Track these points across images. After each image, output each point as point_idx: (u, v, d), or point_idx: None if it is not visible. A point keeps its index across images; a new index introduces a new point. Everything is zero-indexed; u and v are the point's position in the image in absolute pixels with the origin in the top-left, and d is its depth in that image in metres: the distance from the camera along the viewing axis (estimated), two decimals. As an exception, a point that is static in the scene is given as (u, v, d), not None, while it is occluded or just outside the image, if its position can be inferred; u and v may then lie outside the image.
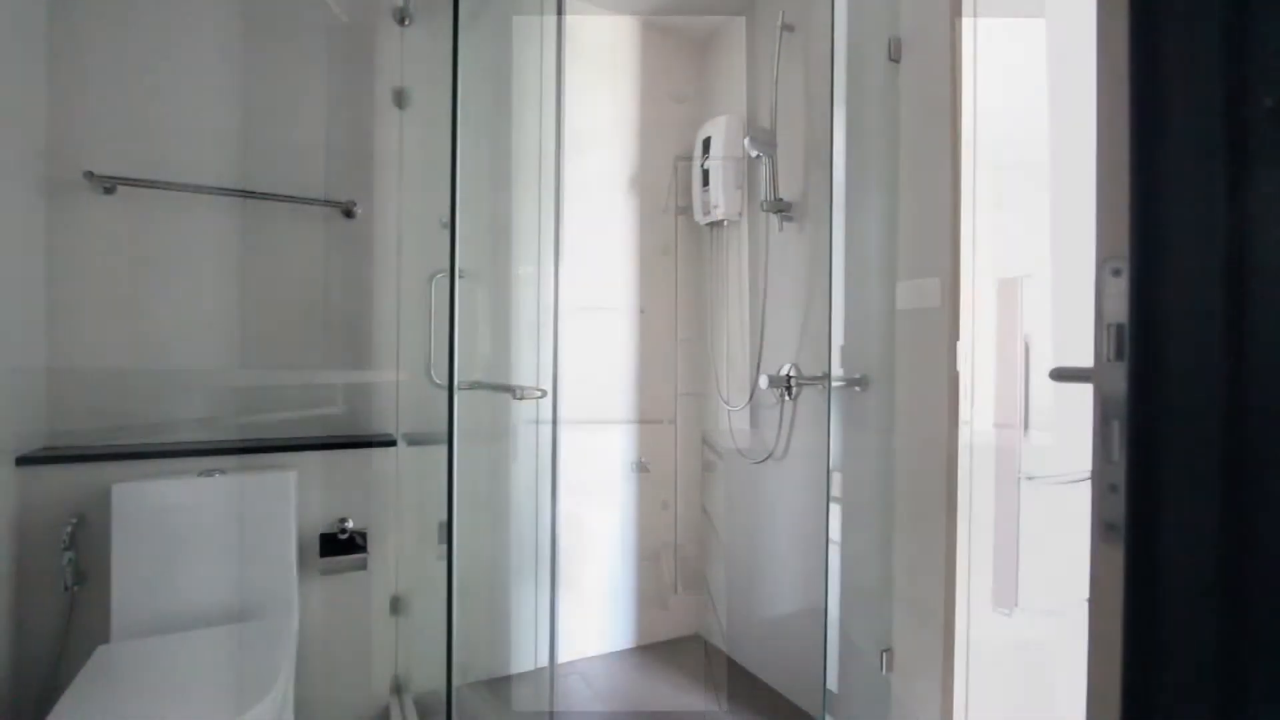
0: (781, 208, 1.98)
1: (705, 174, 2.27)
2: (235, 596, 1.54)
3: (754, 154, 1.92)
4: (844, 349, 1.68)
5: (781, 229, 2.02)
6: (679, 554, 2.50)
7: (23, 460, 1.45)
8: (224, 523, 1.54)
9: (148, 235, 1.65)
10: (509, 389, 1.16)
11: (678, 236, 2.48)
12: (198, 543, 1.51)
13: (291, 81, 1.80)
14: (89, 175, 1.55)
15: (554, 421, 1.12)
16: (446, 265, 1.56)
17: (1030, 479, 1.50)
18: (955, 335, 1.42)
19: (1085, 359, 0.55)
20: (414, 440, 1.87)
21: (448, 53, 1.14)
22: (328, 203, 1.80)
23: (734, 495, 2.33)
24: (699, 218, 2.36)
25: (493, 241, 1.80)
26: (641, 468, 1.08)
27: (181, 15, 1.68)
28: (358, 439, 1.81)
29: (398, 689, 1.90)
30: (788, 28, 2.00)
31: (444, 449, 1.63)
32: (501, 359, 1.81)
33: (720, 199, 2.20)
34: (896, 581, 1.55)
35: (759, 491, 2.18)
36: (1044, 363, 1.45)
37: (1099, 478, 0.49)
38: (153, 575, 1.47)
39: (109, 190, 1.60)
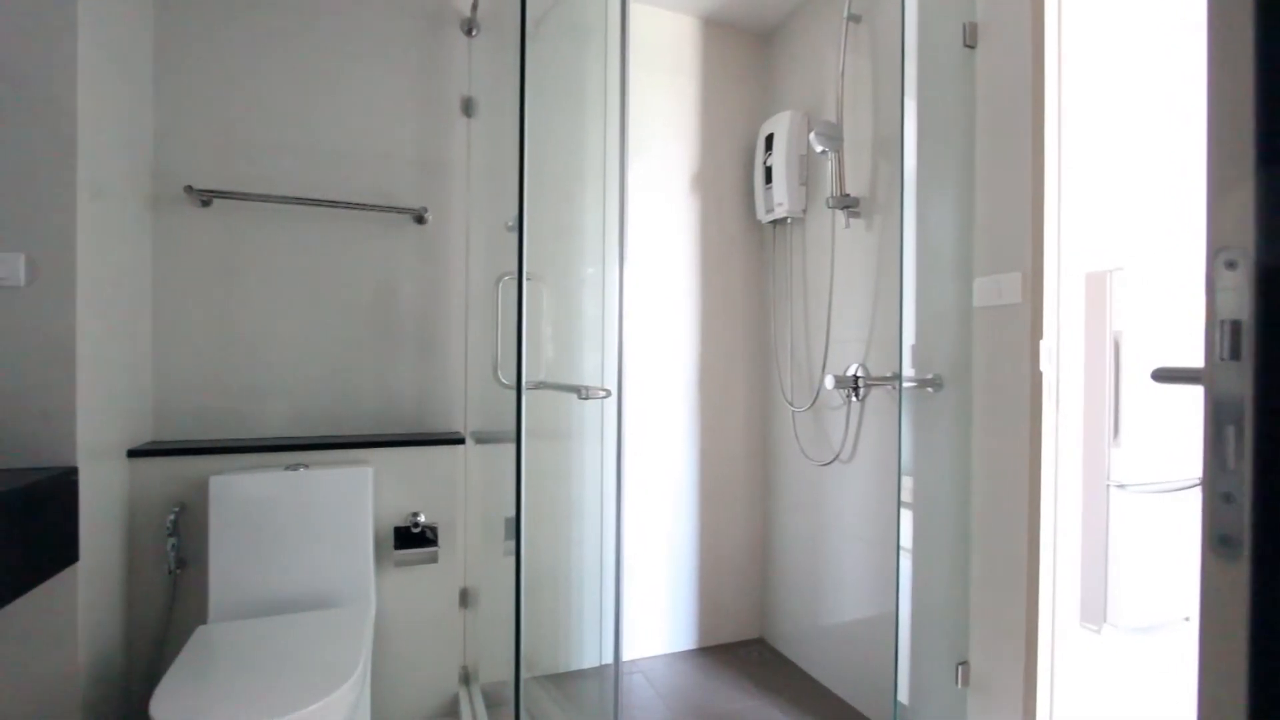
0: (848, 204, 1.92)
1: (768, 171, 2.23)
2: (318, 584, 1.63)
3: (819, 149, 1.87)
4: (916, 348, 1.62)
5: (848, 225, 1.97)
6: (741, 555, 2.47)
7: (133, 453, 1.59)
8: (308, 514, 1.63)
9: (239, 244, 1.77)
10: (574, 389, 1.18)
11: (739, 235, 2.45)
12: (285, 532, 1.61)
13: (367, 95, 1.88)
14: (189, 190, 1.68)
15: (619, 421, 1.12)
16: (512, 268, 1.60)
17: (1121, 487, 1.40)
18: (1038, 333, 1.34)
19: (1182, 358, 0.51)
20: (481, 438, 1.93)
21: (512, 60, 1.17)
22: (401, 210, 1.87)
23: (798, 497, 2.28)
24: (761, 215, 2.33)
25: (557, 243, 1.83)
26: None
27: (268, 38, 1.79)
28: (428, 437, 1.88)
29: (466, 679, 1.96)
30: (854, 18, 1.95)
31: (510, 447, 1.67)
32: (565, 359, 1.84)
33: (784, 196, 2.16)
34: (973, 592, 1.48)
35: (824, 494, 2.13)
36: (1136, 362, 1.36)
37: (1211, 486, 0.45)
38: (245, 561, 1.57)
39: (205, 203, 1.72)
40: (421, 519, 1.83)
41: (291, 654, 1.32)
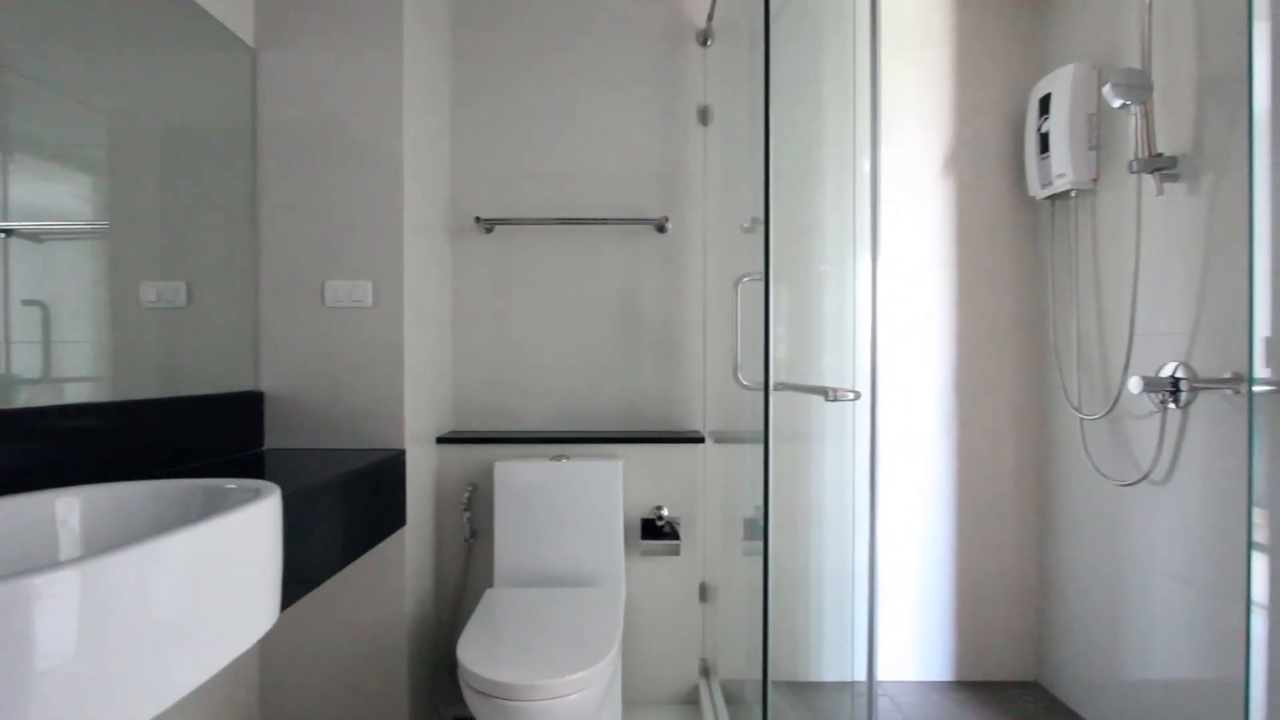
0: (1161, 165, 1.56)
1: (1043, 139, 1.91)
2: (577, 564, 1.81)
3: (1117, 103, 1.55)
4: (1271, 342, 1.25)
5: (1161, 192, 1.59)
6: (1010, 584, 2.15)
7: (440, 440, 1.93)
8: (569, 500, 1.82)
9: (512, 264, 2.05)
10: (820, 390, 1.13)
11: (1003, 217, 2.15)
12: (551, 514, 1.82)
13: (615, 117, 2.05)
14: (477, 220, 1.99)
15: (872, 425, 1.05)
16: (748, 269, 1.60)
17: None
18: None
19: None
20: (720, 438, 1.96)
21: (747, 62, 1.16)
22: (644, 221, 2.00)
23: (1087, 522, 1.91)
24: (1034, 191, 2.00)
25: (793, 241, 1.78)
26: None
27: (535, 82, 2.04)
28: (670, 434, 1.97)
29: (705, 672, 2.01)
30: (1167, -65, 1.58)
31: (747, 448, 1.67)
32: (801, 360, 1.79)
33: (1066, 165, 1.83)
34: (1380, 671, 1.09)
35: (1125, 520, 1.76)
36: None
37: None
38: (521, 537, 1.81)
39: (489, 230, 2.03)
40: (665, 513, 1.93)
41: (561, 623, 1.48)
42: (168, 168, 1.34)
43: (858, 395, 1.14)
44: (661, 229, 2.03)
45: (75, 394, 1.12)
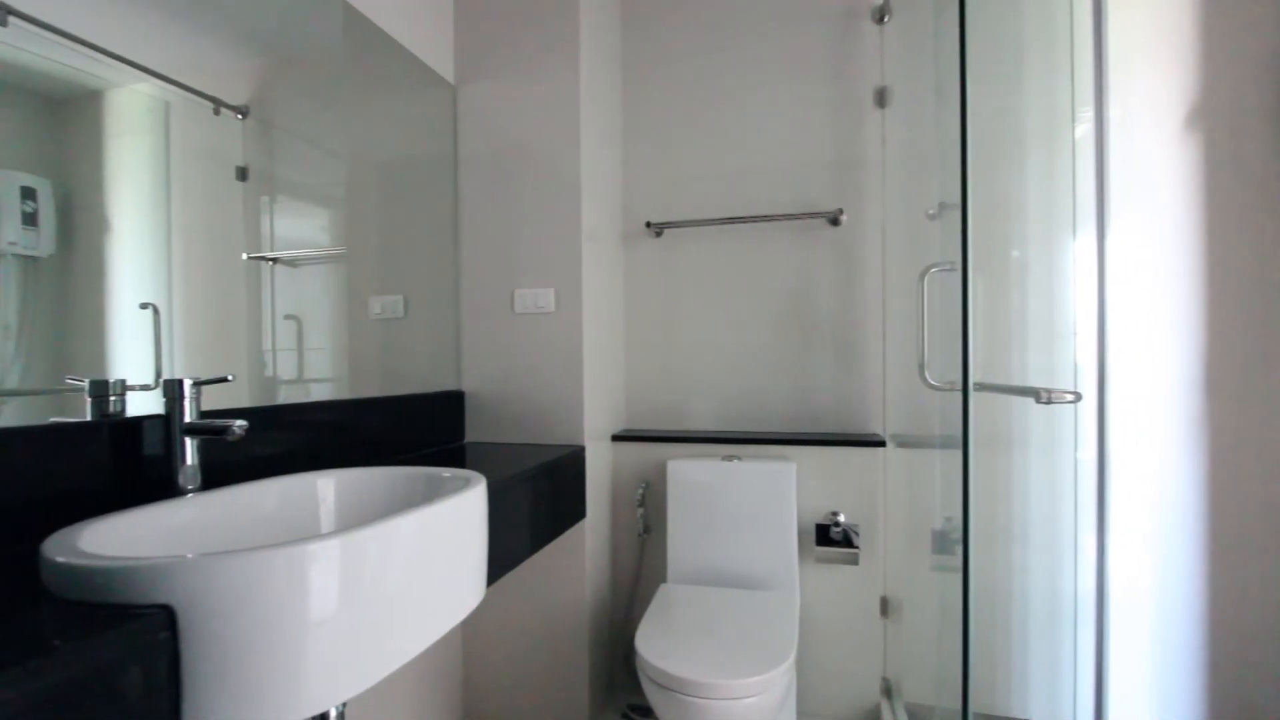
0: None
1: (1334, 76, 1.52)
2: (749, 566, 1.79)
3: None
4: None
5: None
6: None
7: (615, 437, 2.01)
8: (741, 501, 1.80)
9: (679, 265, 2.08)
10: (1030, 391, 1.00)
11: (1273, 178, 1.74)
12: (723, 514, 1.81)
13: (783, 110, 1.99)
14: (647, 225, 2.05)
15: (1100, 432, 0.90)
16: (935, 259, 1.47)
17: None
18: None
19: None
20: (903, 442, 1.82)
21: (930, 37, 1.06)
22: (816, 214, 1.92)
23: None
24: (1320, 143, 1.60)
25: (993, 224, 1.60)
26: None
27: (701, 84, 2.05)
28: (847, 437, 1.87)
29: (888, 692, 1.88)
30: None
31: (935, 453, 1.54)
32: (999, 357, 1.60)
33: (1372, 106, 1.44)
34: None
35: None
36: None
37: None
38: (693, 535, 1.83)
39: (658, 234, 2.08)
40: (841, 519, 1.83)
41: (737, 624, 1.47)
42: (388, 197, 1.55)
43: (1078, 397, 0.99)
44: (835, 221, 1.93)
45: (319, 392, 1.33)
